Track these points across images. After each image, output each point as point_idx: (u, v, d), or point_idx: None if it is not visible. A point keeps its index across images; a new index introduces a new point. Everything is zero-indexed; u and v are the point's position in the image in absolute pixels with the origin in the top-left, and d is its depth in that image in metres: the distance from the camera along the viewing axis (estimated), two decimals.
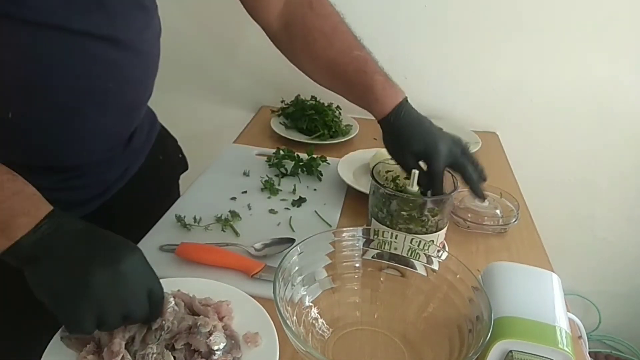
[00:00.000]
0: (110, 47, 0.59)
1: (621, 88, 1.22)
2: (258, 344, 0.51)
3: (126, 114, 0.69)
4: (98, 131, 0.65)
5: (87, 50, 0.57)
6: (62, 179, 0.66)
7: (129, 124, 0.72)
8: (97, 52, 0.58)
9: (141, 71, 0.66)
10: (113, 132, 0.68)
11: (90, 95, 0.60)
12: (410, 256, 0.57)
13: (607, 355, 1.53)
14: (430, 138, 0.68)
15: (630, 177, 1.32)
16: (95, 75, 0.59)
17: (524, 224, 0.84)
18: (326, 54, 0.75)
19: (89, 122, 0.62)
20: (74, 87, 0.58)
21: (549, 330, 0.50)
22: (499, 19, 1.18)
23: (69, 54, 0.55)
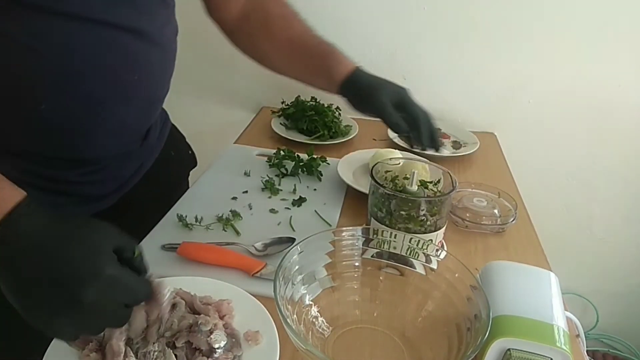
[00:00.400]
0: (137, 39, 0.60)
1: (619, 89, 1.22)
2: (259, 342, 0.52)
3: (147, 107, 0.70)
4: (122, 123, 0.66)
5: (116, 42, 0.58)
6: (82, 172, 0.67)
7: (148, 117, 0.73)
8: (126, 45, 0.59)
9: (163, 65, 0.68)
10: (134, 124, 0.70)
11: (118, 86, 0.61)
12: (409, 255, 0.58)
13: (604, 354, 1.53)
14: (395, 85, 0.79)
15: (629, 177, 1.33)
16: (123, 67, 0.60)
17: (522, 223, 0.84)
18: (285, 34, 0.82)
19: (115, 114, 0.63)
20: (104, 79, 0.59)
21: (547, 329, 0.50)
22: (497, 20, 1.19)
23: (101, 46, 0.57)
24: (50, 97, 0.56)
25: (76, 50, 0.55)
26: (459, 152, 1.12)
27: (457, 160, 1.09)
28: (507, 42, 1.20)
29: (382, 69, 1.29)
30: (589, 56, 1.20)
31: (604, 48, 1.18)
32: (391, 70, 1.29)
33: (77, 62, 0.56)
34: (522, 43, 1.20)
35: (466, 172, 1.05)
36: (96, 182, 0.69)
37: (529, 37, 1.19)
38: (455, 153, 1.11)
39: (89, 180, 0.68)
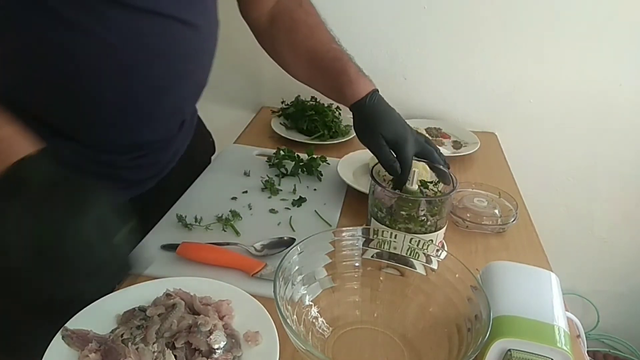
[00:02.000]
0: (194, 32, 0.65)
1: (620, 88, 1.22)
2: (258, 343, 0.52)
3: (195, 94, 0.75)
4: (174, 109, 0.72)
5: (179, 34, 0.63)
6: (132, 157, 0.72)
7: (194, 103, 0.79)
8: (186, 37, 0.64)
9: (211, 55, 0.73)
10: (182, 111, 0.76)
11: (176, 75, 0.66)
12: (409, 255, 0.58)
13: (605, 354, 1.53)
14: (400, 126, 0.72)
15: (629, 177, 1.33)
16: (184, 58, 0.65)
17: (523, 223, 0.84)
18: (306, 43, 0.81)
19: (169, 101, 0.68)
20: (168, 68, 0.64)
21: (547, 330, 0.50)
22: (498, 20, 1.18)
23: (166, 38, 0.62)
24: (116, 86, 0.60)
25: (145, 42, 0.60)
26: (459, 152, 1.11)
27: (457, 160, 1.08)
28: (508, 41, 1.20)
29: (382, 69, 1.30)
30: (590, 56, 1.19)
31: (604, 48, 1.18)
32: (391, 70, 1.30)
33: (146, 53, 0.60)
34: (522, 43, 1.20)
35: (467, 172, 1.05)
36: (141, 166, 0.74)
37: (529, 37, 1.19)
38: (455, 153, 1.11)
39: (135, 164, 0.73)
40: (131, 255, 0.48)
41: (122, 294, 0.57)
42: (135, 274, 0.65)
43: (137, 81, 0.62)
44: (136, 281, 0.61)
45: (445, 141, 1.18)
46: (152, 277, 0.60)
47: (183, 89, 0.69)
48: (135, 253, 0.48)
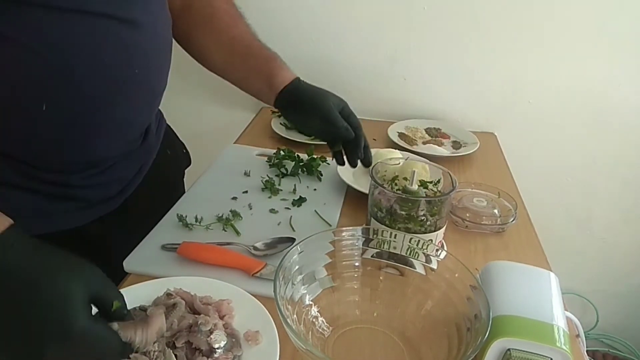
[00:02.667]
0: (133, 31, 0.59)
1: (619, 89, 1.22)
2: (259, 342, 0.52)
3: (148, 103, 0.69)
4: (124, 120, 0.65)
5: (113, 34, 0.57)
6: (86, 176, 0.66)
7: (149, 113, 0.72)
8: (122, 37, 0.58)
9: (160, 57, 0.67)
10: (136, 121, 0.69)
11: (118, 82, 0.60)
12: (409, 255, 0.58)
13: (604, 354, 1.54)
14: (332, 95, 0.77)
15: (628, 177, 1.33)
16: (122, 62, 0.59)
17: (522, 223, 0.84)
18: (230, 31, 0.80)
19: (117, 111, 0.62)
20: (104, 75, 0.58)
21: (547, 329, 0.50)
22: (497, 20, 1.19)
23: (98, 40, 0.56)
24: (51, 96, 0.55)
25: (74, 45, 0.54)
26: (459, 152, 1.12)
27: (457, 160, 1.09)
28: (508, 42, 1.21)
29: (382, 69, 1.30)
30: (589, 56, 1.20)
31: (604, 48, 1.18)
32: (391, 71, 1.30)
33: (76, 59, 0.54)
34: (522, 43, 1.20)
35: (466, 172, 1.05)
36: (100, 185, 0.69)
37: (529, 37, 1.19)
38: (455, 153, 1.11)
39: (93, 183, 0.67)
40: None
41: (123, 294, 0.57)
42: (138, 274, 0.65)
43: (71, 90, 0.55)
44: (137, 281, 0.61)
45: (444, 141, 1.19)
46: (152, 277, 0.61)
47: (130, 97, 0.63)
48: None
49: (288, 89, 0.77)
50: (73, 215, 0.67)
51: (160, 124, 0.83)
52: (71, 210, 0.66)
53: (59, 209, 0.65)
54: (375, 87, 1.29)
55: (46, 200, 0.64)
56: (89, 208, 0.68)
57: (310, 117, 0.76)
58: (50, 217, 0.65)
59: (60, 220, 0.66)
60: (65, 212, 0.66)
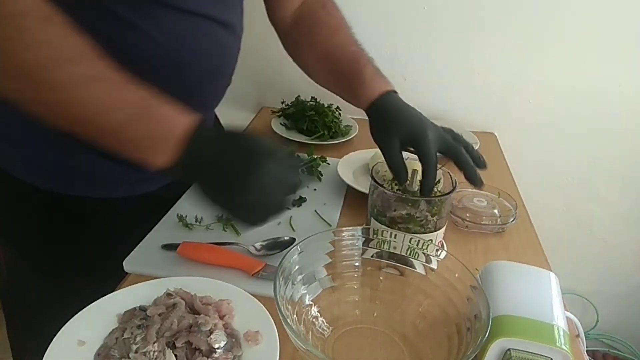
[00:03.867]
0: (228, 32, 0.68)
1: (619, 88, 1.22)
2: (258, 342, 0.52)
3: (221, 93, 0.77)
4: (207, 107, 0.76)
5: (215, 34, 0.66)
6: None
7: (220, 99, 0.80)
8: (221, 37, 0.67)
9: (237, 53, 0.75)
10: (212, 107, 0.79)
11: (209, 73, 0.68)
12: (409, 255, 0.58)
13: (604, 354, 1.54)
14: (418, 122, 0.66)
15: (628, 178, 1.33)
16: (218, 57, 0.68)
17: (522, 223, 0.84)
18: (326, 44, 0.79)
19: (205, 99, 0.72)
20: (200, 66, 0.66)
21: (547, 329, 0.50)
22: (497, 20, 1.19)
23: (202, 36, 0.64)
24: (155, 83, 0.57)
25: (185, 39, 0.63)
26: None
27: None
28: (508, 41, 1.21)
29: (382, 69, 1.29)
30: (589, 56, 1.20)
31: (603, 49, 1.18)
32: (391, 70, 1.29)
33: (188, 52, 0.63)
34: (522, 43, 1.20)
35: None
36: None
37: (529, 37, 1.19)
38: None
39: None
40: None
41: (123, 294, 0.57)
42: (138, 274, 0.65)
43: (173, 78, 0.63)
44: (137, 281, 0.61)
45: None
46: (152, 277, 0.61)
47: (216, 86, 0.73)
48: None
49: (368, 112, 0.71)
50: (147, 183, 0.76)
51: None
52: (146, 178, 0.75)
53: (136, 177, 0.73)
54: None
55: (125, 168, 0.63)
56: (161, 177, 0.76)
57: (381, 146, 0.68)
58: (127, 184, 0.74)
59: (136, 187, 0.75)
60: (142, 181, 0.75)
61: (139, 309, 0.54)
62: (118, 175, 0.72)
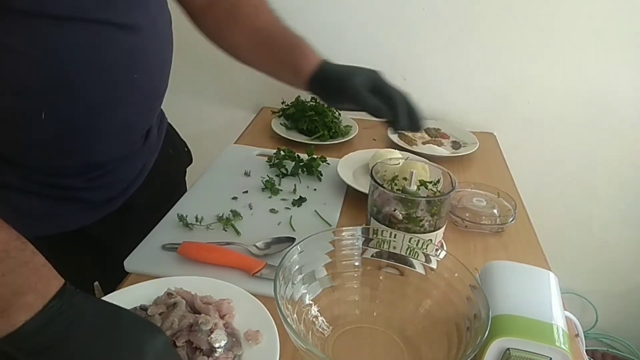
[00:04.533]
0: (132, 35, 0.58)
1: (618, 89, 1.22)
2: (259, 342, 0.52)
3: (149, 104, 0.69)
4: (124, 124, 0.64)
5: (111, 40, 0.56)
6: (88, 178, 0.66)
7: (151, 115, 0.72)
8: (121, 42, 0.57)
9: (161, 59, 0.66)
10: (137, 124, 0.68)
11: (117, 87, 0.59)
12: (409, 255, 0.58)
13: (603, 354, 1.54)
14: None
15: (628, 178, 1.33)
16: (121, 66, 0.58)
17: (521, 223, 0.85)
18: (253, 22, 0.77)
19: (117, 115, 0.62)
20: (102, 80, 0.57)
21: (546, 329, 0.50)
22: (496, 21, 1.19)
23: (95, 46, 0.55)
24: (50, 104, 0.55)
25: (71, 53, 0.53)
26: (458, 152, 1.12)
27: (456, 160, 1.09)
28: (507, 42, 1.21)
29: (382, 69, 1.29)
30: (589, 56, 1.20)
31: (603, 48, 1.19)
32: (391, 71, 1.29)
33: (73, 66, 0.54)
34: (522, 43, 1.20)
35: (466, 172, 1.05)
36: (103, 186, 0.69)
37: (529, 37, 1.20)
38: (454, 153, 1.12)
39: (96, 185, 0.67)
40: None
41: (124, 294, 0.57)
42: (139, 274, 0.66)
43: (69, 97, 0.55)
44: (137, 281, 0.61)
45: (444, 141, 1.19)
46: (153, 277, 0.61)
47: (132, 102, 0.63)
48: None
49: (314, 77, 0.73)
50: (76, 216, 0.67)
51: (162, 123, 0.83)
52: (74, 211, 0.67)
53: (63, 211, 0.66)
54: None
55: (49, 202, 0.64)
56: (92, 209, 0.69)
57: (342, 101, 0.73)
58: (54, 219, 0.65)
59: (64, 221, 0.66)
60: (69, 214, 0.66)
61: (140, 308, 0.54)
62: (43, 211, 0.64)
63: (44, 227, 0.64)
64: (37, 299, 0.38)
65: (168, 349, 0.42)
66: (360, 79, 0.70)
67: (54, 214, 0.65)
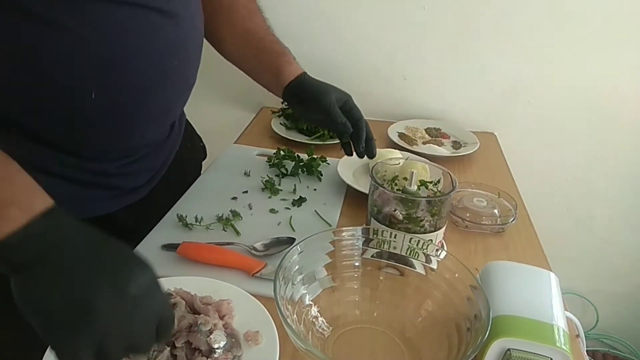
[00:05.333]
0: (174, 23, 0.62)
1: (619, 89, 1.22)
2: (258, 343, 0.52)
3: (183, 94, 0.72)
4: (162, 110, 0.68)
5: (156, 26, 0.59)
6: (121, 164, 0.69)
7: (182, 104, 0.75)
8: (166, 30, 0.61)
9: (197, 49, 0.70)
10: (172, 110, 0.73)
11: (161, 73, 0.62)
12: (409, 255, 0.58)
13: (604, 354, 1.54)
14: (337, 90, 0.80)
15: (628, 177, 1.33)
16: (165, 53, 0.61)
17: (522, 223, 0.84)
18: (245, 24, 0.83)
19: (157, 101, 0.65)
20: (149, 64, 0.60)
21: (547, 329, 0.50)
22: (497, 21, 1.19)
23: (144, 31, 0.58)
24: (100, 84, 0.57)
25: (121, 35, 0.56)
26: (459, 152, 1.12)
27: (457, 160, 1.09)
28: (508, 42, 1.21)
29: (382, 69, 1.30)
30: (589, 56, 1.20)
31: (603, 48, 1.18)
32: (391, 70, 1.30)
33: (123, 48, 0.56)
34: (522, 43, 1.20)
35: (466, 172, 1.05)
36: (132, 173, 0.71)
37: (529, 37, 1.19)
38: (455, 153, 1.11)
39: (126, 172, 0.70)
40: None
41: None
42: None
43: (118, 79, 0.58)
44: None
45: (444, 141, 1.19)
46: None
47: (170, 88, 0.66)
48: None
49: (294, 84, 0.80)
50: (105, 203, 0.69)
51: (182, 117, 0.86)
52: (104, 198, 0.69)
53: (93, 197, 0.67)
54: (375, 87, 1.29)
55: (81, 187, 0.65)
56: (120, 196, 0.71)
57: (313, 111, 0.79)
58: (83, 204, 0.67)
59: (93, 207, 0.68)
60: (98, 200, 0.68)
61: None
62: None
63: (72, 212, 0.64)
64: (21, 213, 0.38)
65: (153, 287, 0.41)
66: (335, 95, 0.78)
67: (83, 199, 0.67)
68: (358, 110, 0.79)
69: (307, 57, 1.26)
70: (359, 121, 0.78)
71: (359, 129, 0.77)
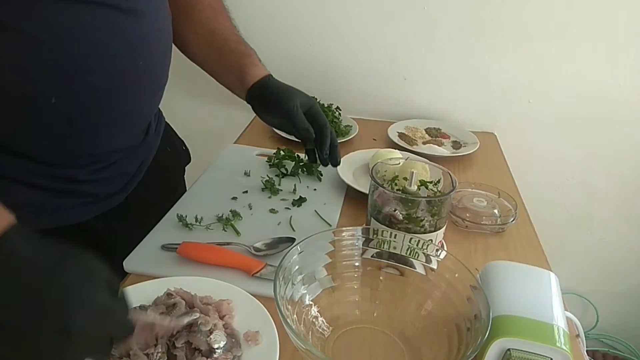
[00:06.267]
0: (136, 22, 0.59)
1: (619, 89, 1.22)
2: (258, 343, 0.52)
3: (152, 94, 0.69)
4: (129, 112, 0.65)
5: (115, 24, 0.57)
6: (91, 170, 0.67)
7: (153, 106, 0.73)
8: (127, 29, 0.58)
9: (163, 48, 0.68)
10: (140, 115, 0.70)
11: (123, 73, 0.60)
12: (409, 255, 0.58)
13: (604, 354, 1.54)
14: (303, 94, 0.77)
15: (628, 177, 1.33)
16: (126, 52, 0.59)
17: (522, 223, 0.84)
18: (210, 23, 0.80)
19: (123, 102, 0.62)
20: (109, 66, 0.58)
21: (547, 329, 0.50)
22: (497, 21, 1.19)
23: (103, 31, 0.56)
24: (59, 88, 0.55)
25: (80, 36, 0.54)
26: (459, 152, 1.12)
27: (457, 160, 1.09)
28: (507, 42, 1.20)
29: (382, 69, 1.30)
30: (589, 56, 1.20)
31: (603, 48, 1.18)
32: (391, 71, 1.30)
33: (82, 50, 0.55)
34: (522, 43, 1.20)
35: (466, 172, 1.05)
36: (104, 180, 0.69)
37: (529, 37, 1.19)
38: (455, 153, 1.11)
39: (98, 177, 0.68)
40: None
41: None
42: (138, 274, 0.65)
43: (78, 82, 0.56)
44: (137, 281, 0.61)
45: (444, 141, 1.19)
46: (152, 277, 0.61)
47: (135, 89, 0.63)
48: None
49: (257, 86, 0.77)
50: (77, 211, 0.67)
51: (160, 121, 0.84)
52: (76, 205, 0.67)
53: (64, 204, 0.66)
54: (375, 87, 1.29)
55: (52, 195, 0.64)
56: (93, 204, 0.69)
57: (275, 115, 0.77)
58: (55, 212, 0.65)
59: (65, 215, 0.66)
60: (70, 208, 0.66)
61: (139, 308, 0.53)
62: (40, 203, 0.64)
63: (46, 220, 0.64)
64: None
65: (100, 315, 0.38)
66: (299, 100, 0.75)
67: (55, 207, 0.65)
68: (323, 117, 0.76)
69: (307, 57, 1.27)
70: (324, 127, 0.75)
71: (323, 136, 0.74)
